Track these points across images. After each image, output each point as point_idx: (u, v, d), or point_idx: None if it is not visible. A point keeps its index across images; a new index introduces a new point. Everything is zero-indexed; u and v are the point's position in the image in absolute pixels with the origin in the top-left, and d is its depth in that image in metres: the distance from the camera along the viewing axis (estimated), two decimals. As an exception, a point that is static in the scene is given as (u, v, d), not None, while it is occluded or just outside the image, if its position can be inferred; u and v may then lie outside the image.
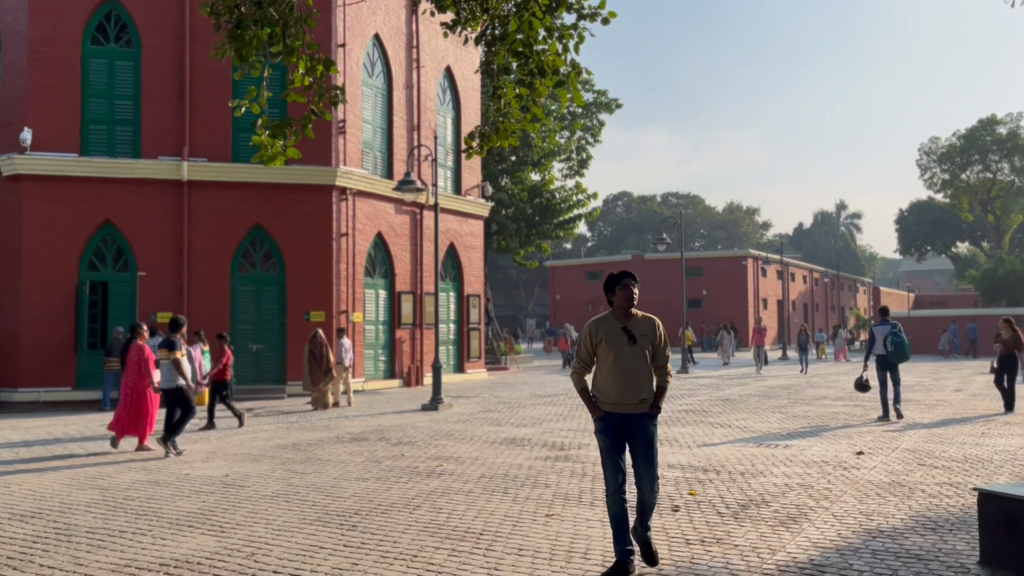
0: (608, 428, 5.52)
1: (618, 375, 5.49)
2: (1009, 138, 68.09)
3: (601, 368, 5.59)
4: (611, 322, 5.64)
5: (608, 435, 5.52)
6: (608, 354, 5.53)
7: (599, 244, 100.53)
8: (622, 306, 5.66)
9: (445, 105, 25.80)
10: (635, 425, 5.50)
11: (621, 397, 5.49)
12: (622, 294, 5.65)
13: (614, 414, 5.51)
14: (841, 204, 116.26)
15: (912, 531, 6.50)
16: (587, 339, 5.65)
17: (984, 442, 11.34)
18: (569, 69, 8.33)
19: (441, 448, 11.22)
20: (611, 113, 39.67)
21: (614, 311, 5.70)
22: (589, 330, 5.67)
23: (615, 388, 5.51)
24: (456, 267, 25.85)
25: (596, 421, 5.59)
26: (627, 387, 5.48)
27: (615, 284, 5.69)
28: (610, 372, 5.52)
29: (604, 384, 5.56)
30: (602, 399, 5.56)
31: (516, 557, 5.88)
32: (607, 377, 5.54)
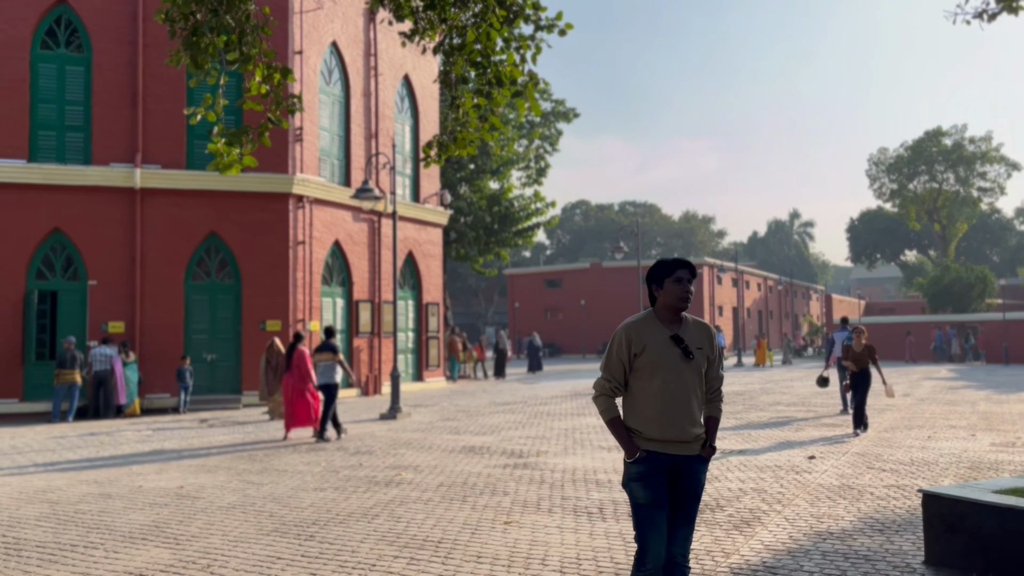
0: (652, 475, 4.02)
1: (668, 402, 4.04)
2: (954, 149, 70.08)
3: (642, 391, 4.09)
4: (655, 327, 4.13)
5: (651, 485, 4.01)
6: (653, 372, 4.06)
7: (558, 252, 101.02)
8: (673, 306, 4.14)
9: (403, 113, 25.78)
10: (685, 471, 4.08)
11: (671, 432, 4.03)
12: (675, 290, 4.12)
13: (660, 455, 4.03)
14: (794, 213, 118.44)
15: (861, 532, 6.67)
16: (621, 348, 4.11)
17: (930, 445, 11.66)
18: (527, 79, 8.43)
19: (400, 457, 11.19)
20: (569, 122, 40.00)
21: (658, 311, 4.19)
22: (625, 336, 4.12)
23: (663, 420, 4.03)
24: (415, 275, 25.80)
25: (632, 465, 4.06)
26: (680, 419, 4.04)
27: (664, 274, 4.15)
28: (656, 397, 4.05)
29: (646, 413, 4.07)
30: (642, 434, 4.07)
31: (475, 564, 5.91)
32: (651, 404, 4.06)
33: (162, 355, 19.38)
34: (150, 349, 19.39)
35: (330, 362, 13.39)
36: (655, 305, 4.22)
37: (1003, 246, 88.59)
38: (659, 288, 4.18)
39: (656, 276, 4.19)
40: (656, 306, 4.21)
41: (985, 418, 15.16)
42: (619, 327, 4.20)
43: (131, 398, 18.28)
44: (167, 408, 19.17)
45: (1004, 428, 13.58)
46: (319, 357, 13.49)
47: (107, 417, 17.87)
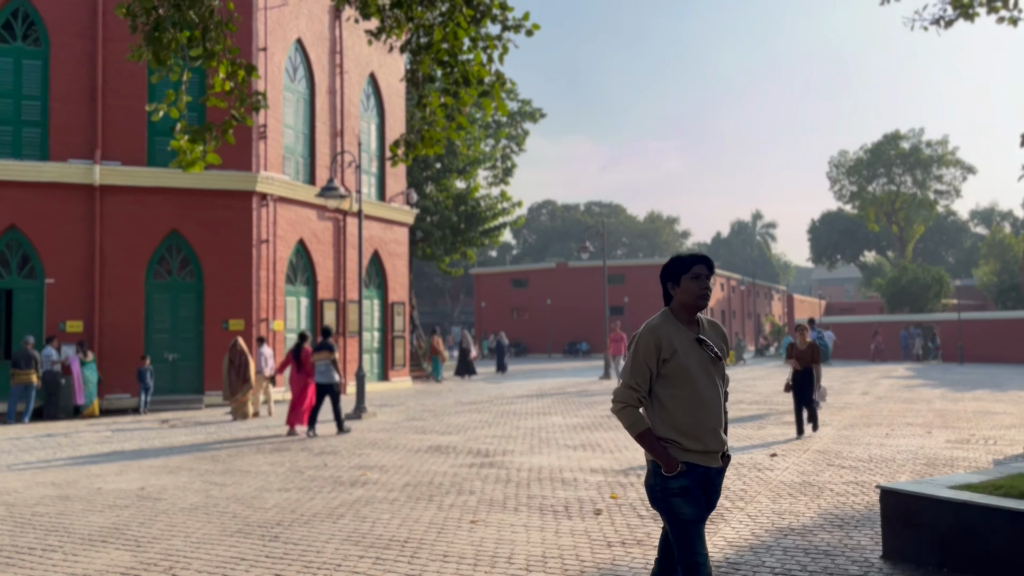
0: (694, 487, 3.75)
1: (705, 410, 3.76)
2: (911, 152, 71.50)
3: (674, 399, 3.76)
4: (678, 328, 3.84)
5: (695, 499, 3.74)
6: (686, 378, 3.76)
7: (524, 252, 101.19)
8: (692, 305, 3.85)
9: (369, 111, 25.64)
10: (712, 484, 3.85)
11: (711, 443, 3.76)
12: (693, 288, 3.84)
13: (698, 467, 3.75)
14: (757, 214, 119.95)
15: (821, 528, 6.79)
16: (649, 353, 3.77)
17: (888, 442, 11.90)
18: (493, 79, 8.44)
19: (365, 457, 11.14)
20: (535, 122, 40.09)
21: (676, 311, 3.89)
22: (654, 340, 3.78)
23: (702, 430, 3.74)
24: (380, 274, 25.67)
25: (672, 480, 3.72)
26: (717, 427, 3.78)
27: (681, 271, 3.87)
28: (692, 405, 3.75)
29: (683, 423, 3.74)
30: (680, 445, 3.75)
31: (441, 563, 5.91)
32: (687, 413, 3.75)
33: (122, 355, 19.06)
34: (110, 348, 19.06)
35: (328, 361, 13.84)
36: (671, 304, 3.91)
37: (958, 248, 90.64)
38: (676, 286, 3.88)
39: (672, 273, 3.89)
40: (673, 305, 3.90)
41: (941, 416, 15.50)
42: (643, 330, 3.84)
43: (90, 399, 17.96)
44: (127, 409, 18.86)
45: (959, 425, 13.90)
46: (317, 356, 13.92)
47: (57, 418, 17.53)
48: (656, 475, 3.78)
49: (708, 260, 3.88)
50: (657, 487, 3.78)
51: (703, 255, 3.89)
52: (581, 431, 13.75)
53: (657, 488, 3.78)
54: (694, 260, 3.87)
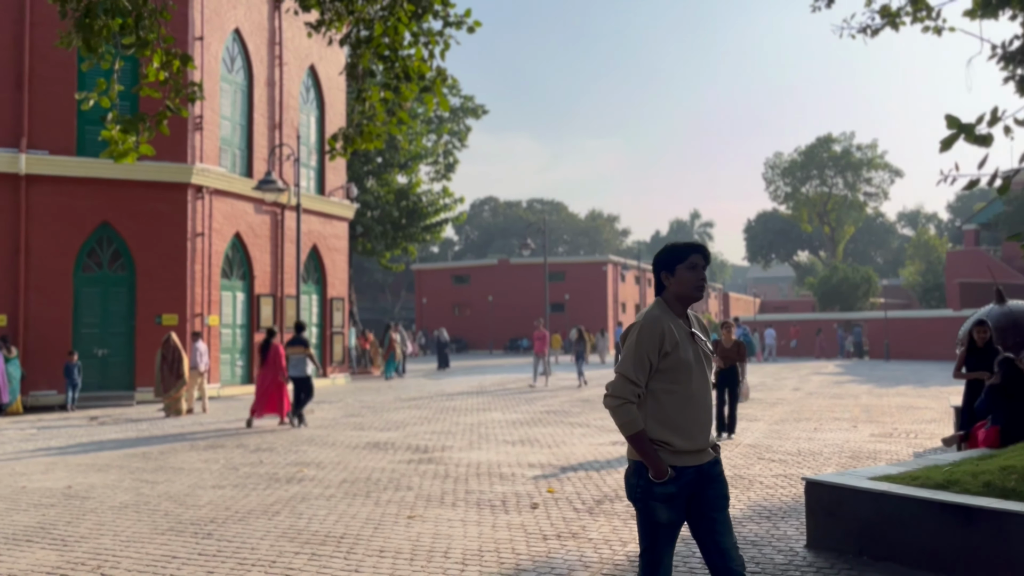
0: (679, 495, 3.53)
1: (699, 406, 3.60)
2: (843, 155, 73.68)
3: (670, 395, 3.56)
4: (675, 320, 3.64)
5: (676, 506, 3.54)
6: (686, 372, 3.57)
7: (466, 248, 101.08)
8: (687, 296, 3.67)
9: (309, 104, 25.31)
10: (709, 477, 3.61)
11: (700, 440, 3.58)
12: (689, 278, 3.65)
13: (687, 470, 3.55)
14: (695, 213, 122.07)
15: (749, 519, 7.00)
16: (653, 345, 3.54)
17: (816, 437, 12.28)
18: (435, 75, 8.44)
19: (302, 454, 11.04)
20: (477, 118, 40.08)
21: (670, 302, 3.69)
22: (659, 330, 3.56)
23: (695, 427, 3.57)
24: (319, 269, 25.39)
25: (658, 486, 3.51)
26: (707, 424, 3.63)
27: (676, 260, 3.67)
28: (688, 401, 3.57)
29: (676, 421, 3.55)
30: (671, 447, 3.54)
31: (377, 559, 5.91)
32: (681, 410, 3.56)
33: (48, 350, 18.48)
34: (35, 344, 18.46)
35: (302, 355, 14.29)
36: (663, 295, 3.71)
37: (886, 248, 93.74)
38: (670, 275, 3.67)
39: (666, 262, 3.68)
40: (667, 296, 3.69)
41: (866, 410, 16.06)
42: (644, 320, 3.59)
43: (13, 395, 17.35)
44: (53, 406, 18.28)
45: (883, 420, 14.43)
46: (291, 351, 14.33)
47: (-13, 415, 16.91)
48: (640, 475, 3.56)
49: (704, 249, 3.70)
50: (639, 488, 3.56)
51: (699, 244, 3.69)
52: (520, 427, 13.85)
53: (639, 489, 3.56)
54: (690, 249, 3.67)
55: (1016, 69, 8.97)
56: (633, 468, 3.62)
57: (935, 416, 14.91)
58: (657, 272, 3.74)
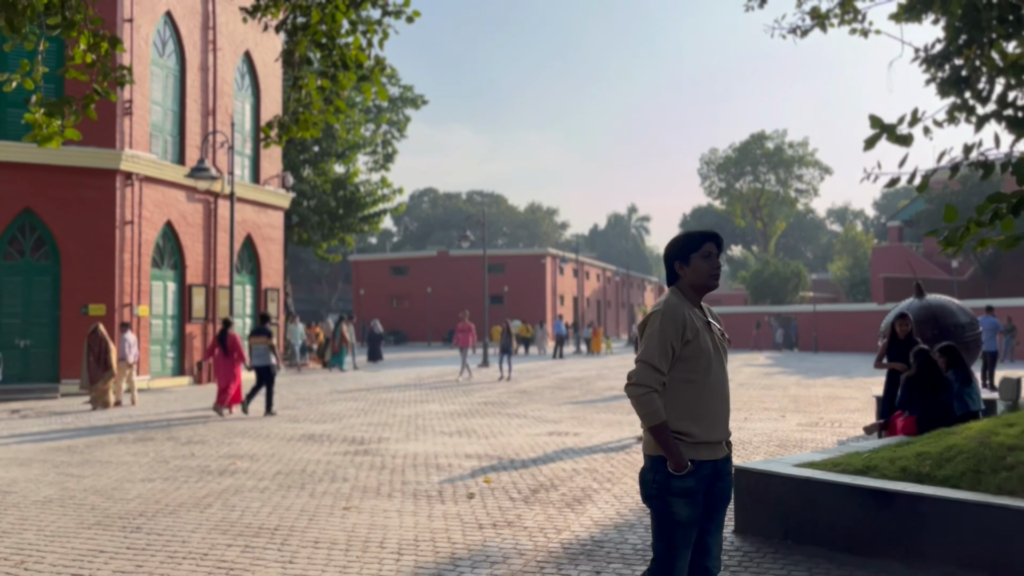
0: (697, 489, 3.45)
1: (720, 397, 3.52)
2: (775, 152, 75.48)
3: (690, 385, 3.47)
4: (692, 310, 3.55)
5: (695, 501, 3.45)
6: (706, 361, 3.49)
7: (405, 239, 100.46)
8: (702, 285, 3.59)
9: (244, 91, 24.79)
10: (721, 473, 3.55)
11: (721, 432, 3.52)
12: (704, 267, 3.57)
13: (705, 464, 3.46)
14: (632, 207, 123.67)
15: (681, 506, 7.17)
16: (678, 332, 3.45)
17: (746, 426, 12.63)
18: (373, 64, 8.38)
19: (235, 446, 10.87)
20: (417, 109, 39.81)
21: (684, 291, 3.61)
22: (681, 317, 3.47)
23: (716, 419, 3.50)
24: (253, 259, 24.94)
25: (677, 479, 3.41)
26: (726, 416, 3.56)
27: (691, 249, 3.59)
28: (709, 392, 3.49)
29: (697, 412, 3.46)
30: (693, 438, 3.44)
31: (312, 550, 5.89)
32: (703, 401, 3.47)
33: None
34: (-48, 334, 17.71)
35: (265, 346, 14.52)
36: (678, 284, 3.62)
37: (816, 243, 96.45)
38: (684, 264, 3.58)
39: (680, 251, 3.60)
40: (681, 286, 3.61)
41: (794, 401, 16.56)
42: (665, 307, 3.49)
43: (-71, 388, 16.64)
44: (-28, 399, 17.58)
45: (810, 410, 14.90)
46: (256, 341, 14.57)
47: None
48: (658, 470, 3.43)
49: (718, 237, 3.63)
50: (655, 483, 3.44)
51: (713, 232, 3.62)
52: (458, 418, 13.89)
53: (655, 485, 3.44)
54: (704, 238, 3.59)
55: (937, 72, 9.34)
56: (650, 463, 3.48)
57: (859, 406, 15.46)
58: (670, 262, 3.64)
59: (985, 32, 8.12)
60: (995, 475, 5.40)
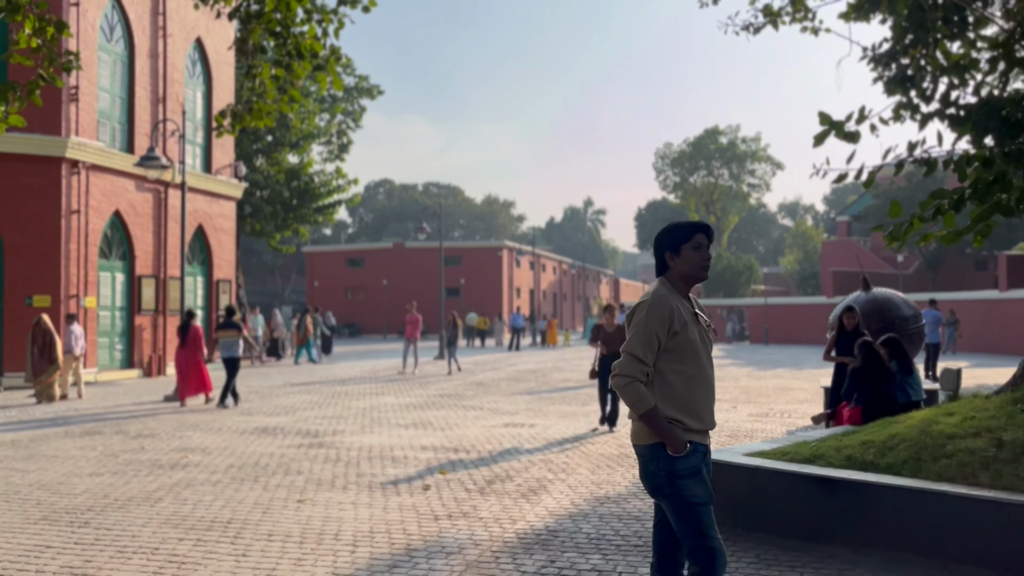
0: (702, 467, 3.50)
1: (708, 387, 3.57)
2: (729, 147, 76.52)
3: (678, 375, 3.50)
4: (680, 301, 3.58)
5: (703, 478, 3.48)
6: (694, 352, 3.52)
7: (360, 231, 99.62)
8: (693, 277, 3.61)
9: (195, 78, 24.33)
10: (707, 462, 3.59)
11: (707, 422, 3.55)
12: (695, 258, 3.59)
13: (700, 446, 3.51)
14: (588, 201, 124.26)
15: (634, 496, 7.28)
16: (665, 323, 3.47)
17: (698, 416, 12.82)
18: (328, 53, 8.32)
19: (186, 440, 10.72)
20: (373, 99, 39.46)
21: (674, 282, 3.62)
22: (668, 309, 3.48)
23: (705, 408, 3.53)
24: (205, 250, 24.53)
25: (680, 461, 3.42)
26: (712, 406, 3.60)
27: (681, 240, 3.60)
28: (697, 382, 3.53)
29: (687, 401, 3.49)
30: (684, 425, 3.47)
31: (266, 543, 5.85)
32: (691, 390, 3.51)
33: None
34: None
35: (235, 338, 14.63)
36: (667, 275, 3.62)
37: (767, 237, 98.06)
38: (675, 255, 3.59)
39: (671, 242, 3.60)
40: (670, 276, 3.61)
41: (745, 392, 16.86)
42: (653, 299, 3.51)
43: None
44: (-90, 393, 17.03)
45: (761, 400, 15.19)
46: (225, 334, 14.65)
47: None
48: (659, 459, 3.43)
49: (708, 228, 3.63)
50: (661, 472, 3.43)
51: (704, 223, 3.63)
52: (413, 410, 13.87)
53: (661, 473, 3.43)
54: (695, 228, 3.59)
55: (884, 71, 9.57)
56: (649, 453, 3.47)
57: (808, 397, 15.80)
58: (660, 252, 3.64)
59: (930, 32, 8.35)
60: (935, 463, 5.58)
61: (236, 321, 14.85)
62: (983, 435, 5.72)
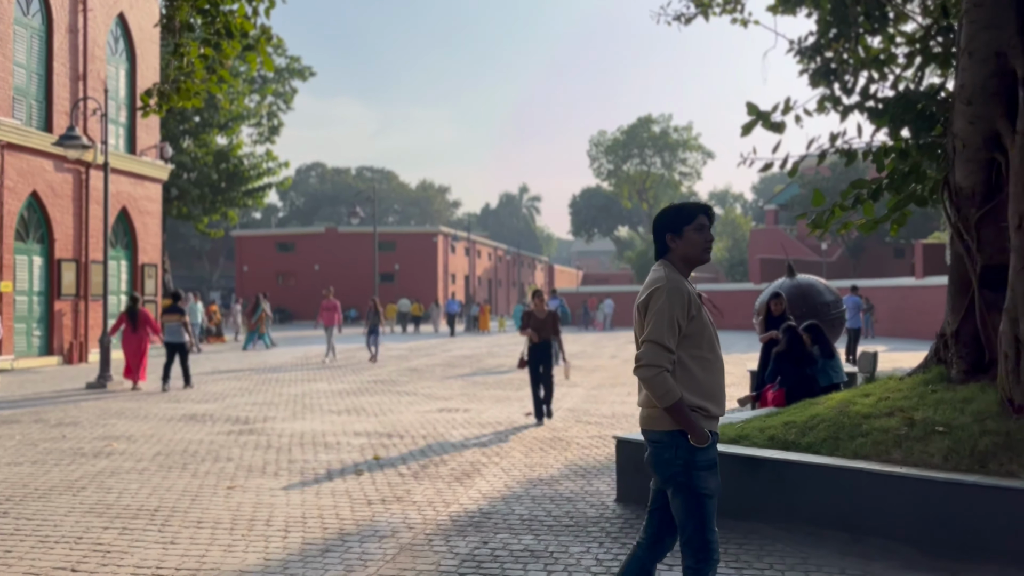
0: (717, 458, 3.42)
1: (720, 372, 3.46)
2: (661, 136, 77.57)
3: (696, 361, 3.38)
4: (689, 284, 3.46)
5: (717, 472, 3.40)
6: (708, 336, 3.42)
7: (291, 215, 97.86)
8: (695, 259, 3.49)
9: (118, 56, 23.49)
10: None
11: (723, 406, 3.46)
12: (698, 240, 3.47)
13: (715, 435, 3.41)
14: (524, 187, 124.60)
15: (566, 478, 7.40)
16: (684, 307, 3.34)
17: (630, 400, 13.07)
18: (259, 33, 8.16)
19: (110, 428, 10.43)
20: (304, 80, 38.75)
21: (676, 264, 3.49)
22: (685, 292, 3.37)
23: (720, 392, 3.44)
24: (129, 233, 23.79)
25: (701, 452, 3.33)
26: (724, 390, 3.50)
27: (684, 221, 3.48)
28: (713, 367, 3.42)
29: (706, 388, 3.39)
30: (707, 413, 3.38)
31: (195, 530, 5.76)
32: (709, 377, 3.40)
33: None
34: None
35: (178, 323, 14.90)
36: (668, 257, 3.49)
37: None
38: (677, 237, 3.45)
39: (673, 223, 3.47)
40: (672, 258, 3.48)
41: (675, 376, 17.21)
42: (667, 283, 3.34)
43: None
44: None
45: (689, 384, 15.53)
46: (168, 318, 14.98)
47: None
48: (678, 447, 3.31)
49: (710, 209, 3.51)
50: (678, 461, 3.31)
51: (705, 204, 3.53)
52: (346, 396, 13.77)
53: (678, 462, 3.31)
54: (697, 209, 3.47)
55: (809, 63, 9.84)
56: (669, 441, 3.34)
57: (734, 380, 16.22)
58: (661, 234, 3.51)
59: (852, 27, 8.63)
60: (852, 441, 5.83)
61: (181, 306, 15.25)
62: (896, 415, 5.99)
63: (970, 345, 6.41)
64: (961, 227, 6.43)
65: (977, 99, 6.14)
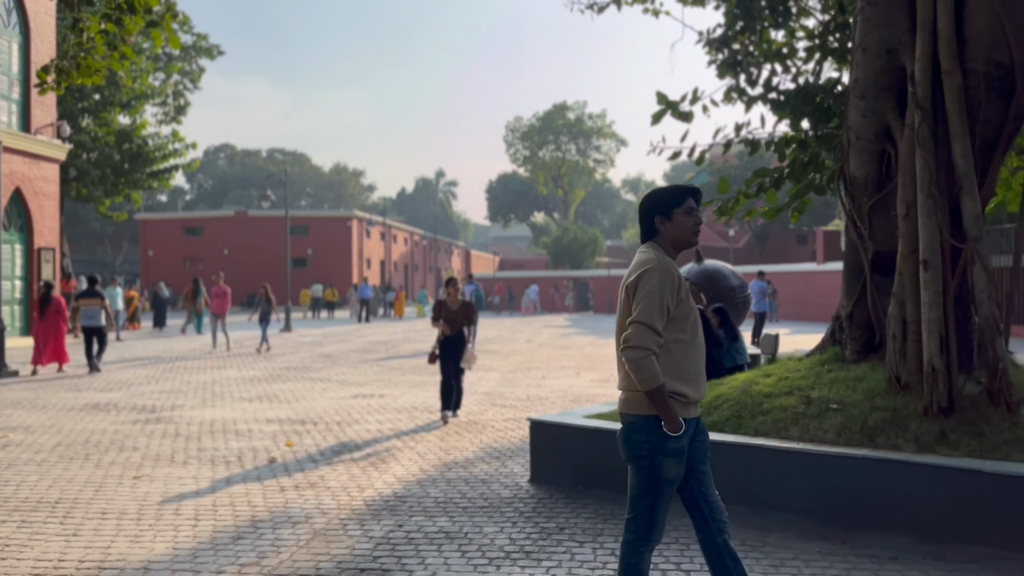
0: (686, 448, 3.40)
1: (701, 356, 3.46)
2: (576, 123, 78.36)
3: (678, 344, 3.37)
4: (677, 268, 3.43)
5: (682, 460, 3.39)
6: (693, 320, 3.41)
7: (199, 198, 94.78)
8: (684, 242, 3.47)
9: (10, 29, 22.24)
10: (698, 432, 3.49)
11: (703, 391, 3.47)
12: (687, 223, 3.46)
13: (690, 422, 3.41)
14: (440, 172, 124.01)
15: (481, 460, 7.49)
16: (674, 290, 3.32)
17: (544, 383, 13.27)
18: (163, 9, 7.89)
19: (5, 419, 9.98)
20: (212, 59, 37.47)
21: (664, 247, 3.46)
22: (675, 275, 3.35)
23: (700, 376, 3.45)
24: (24, 216, 22.64)
25: (671, 440, 3.33)
26: (705, 374, 3.51)
27: (673, 204, 3.45)
28: (695, 351, 3.42)
29: (686, 372, 3.39)
30: (685, 398, 3.39)
31: (99, 521, 5.60)
32: (690, 360, 3.40)
33: None
34: None
35: (97, 307, 14.91)
36: (657, 240, 3.46)
37: (612, 212, 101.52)
38: (666, 220, 3.42)
39: (661, 206, 3.43)
40: (660, 241, 3.45)
41: (589, 359, 17.55)
42: (659, 264, 3.31)
43: None
44: None
45: (603, 367, 15.87)
46: (87, 302, 14.96)
47: None
48: (648, 431, 3.32)
49: (698, 192, 3.49)
50: (646, 444, 3.32)
51: (694, 186, 3.47)
52: (258, 383, 13.52)
53: (646, 445, 3.32)
54: (686, 192, 3.44)
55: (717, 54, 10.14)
56: (640, 423, 3.35)
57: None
58: (648, 217, 3.47)
59: (757, 20, 8.93)
60: (753, 419, 6.10)
61: (98, 290, 15.27)
62: (795, 394, 6.30)
63: (862, 327, 6.77)
64: (855, 215, 6.77)
65: (870, 93, 6.47)
